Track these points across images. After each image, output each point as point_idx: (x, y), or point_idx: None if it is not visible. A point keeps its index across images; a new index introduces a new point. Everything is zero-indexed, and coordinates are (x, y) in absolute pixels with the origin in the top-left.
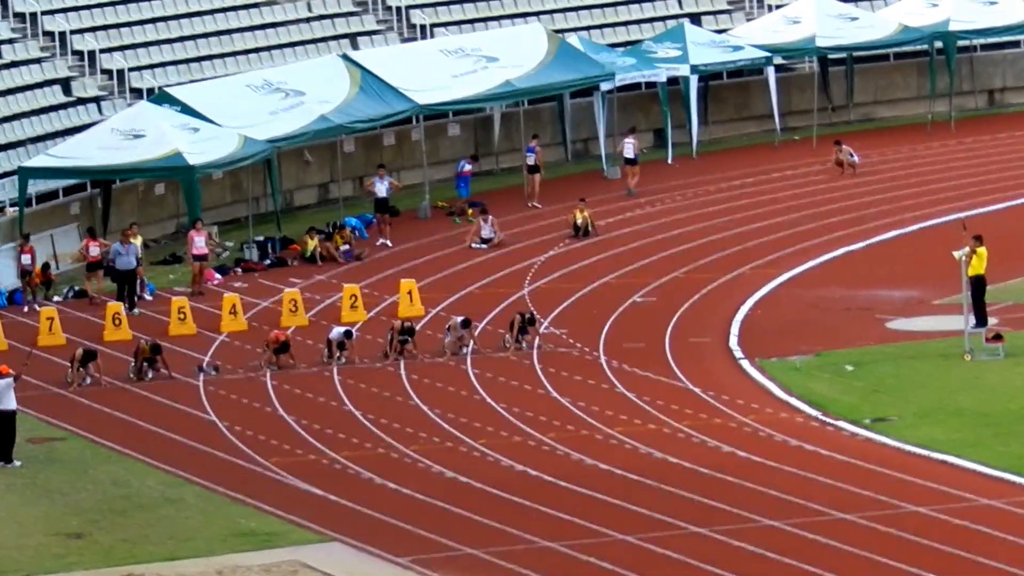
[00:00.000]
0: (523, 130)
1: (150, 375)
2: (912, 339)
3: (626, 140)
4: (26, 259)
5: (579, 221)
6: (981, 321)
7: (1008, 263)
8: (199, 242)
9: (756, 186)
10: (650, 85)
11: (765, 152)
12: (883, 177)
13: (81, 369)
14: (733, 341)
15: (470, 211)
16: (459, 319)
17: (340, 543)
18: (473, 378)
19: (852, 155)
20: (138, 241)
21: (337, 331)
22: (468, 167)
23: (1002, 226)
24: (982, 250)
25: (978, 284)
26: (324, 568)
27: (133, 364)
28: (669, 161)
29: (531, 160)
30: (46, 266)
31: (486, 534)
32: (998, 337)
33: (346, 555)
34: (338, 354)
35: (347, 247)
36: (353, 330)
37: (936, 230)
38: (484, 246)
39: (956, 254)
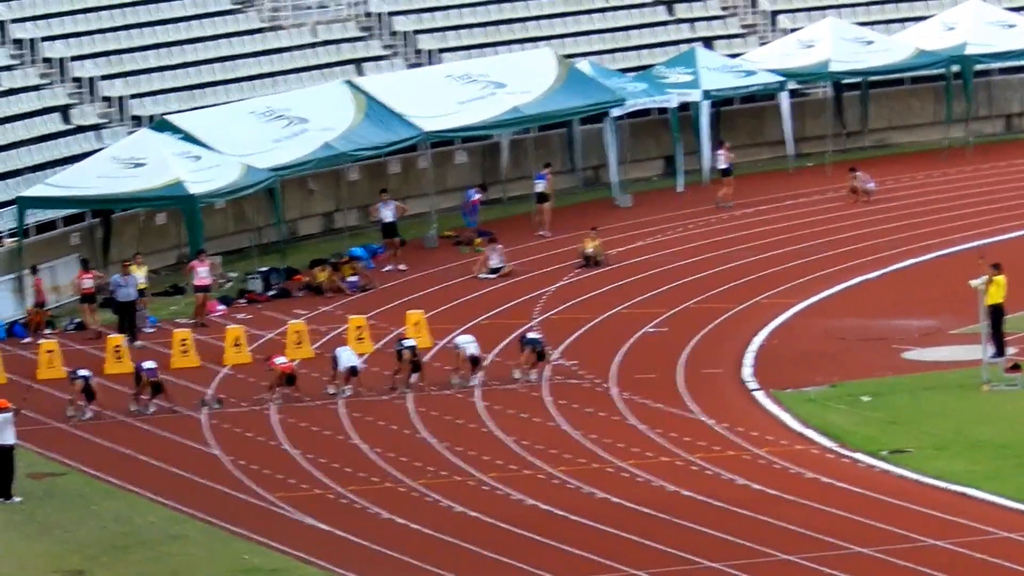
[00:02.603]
0: (532, 157)
1: (151, 409)
2: (929, 369)
3: (718, 152)
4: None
5: (589, 250)
6: (1000, 351)
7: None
8: (202, 272)
9: (769, 214)
10: (661, 111)
11: (778, 179)
12: (899, 204)
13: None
14: (747, 372)
15: (478, 240)
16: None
17: None
18: (482, 410)
19: (868, 182)
20: (142, 271)
21: (347, 356)
22: (476, 196)
23: (1020, 254)
24: (1000, 278)
25: (996, 313)
26: None
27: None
28: (679, 189)
29: (540, 187)
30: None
31: (494, 569)
32: (1016, 367)
33: None
34: (345, 384)
35: (354, 278)
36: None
37: (953, 258)
38: (492, 276)
39: (973, 283)
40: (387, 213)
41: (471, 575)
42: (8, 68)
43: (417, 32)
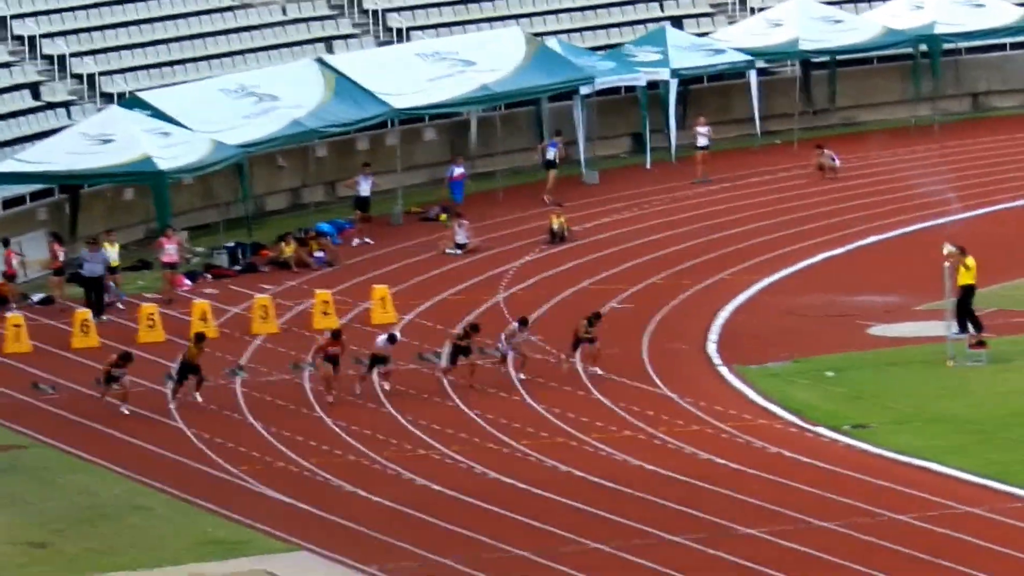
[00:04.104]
0: (500, 135)
1: (115, 386)
2: (893, 345)
3: (699, 128)
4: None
5: (555, 226)
6: (977, 328)
7: (991, 269)
8: (170, 249)
9: (736, 190)
10: (630, 89)
11: (745, 156)
12: (865, 181)
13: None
14: (711, 347)
15: (443, 216)
16: (515, 323)
17: (308, 552)
18: (446, 385)
19: (834, 159)
20: (115, 249)
21: (380, 340)
22: (459, 170)
23: (985, 232)
24: (969, 260)
25: (967, 294)
26: None
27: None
28: (647, 166)
29: (551, 155)
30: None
31: (458, 542)
32: (981, 343)
33: (313, 564)
34: (377, 373)
35: (321, 253)
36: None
37: (918, 235)
38: (459, 252)
39: (946, 250)
40: (365, 187)
41: (435, 547)
42: None
43: (387, 11)
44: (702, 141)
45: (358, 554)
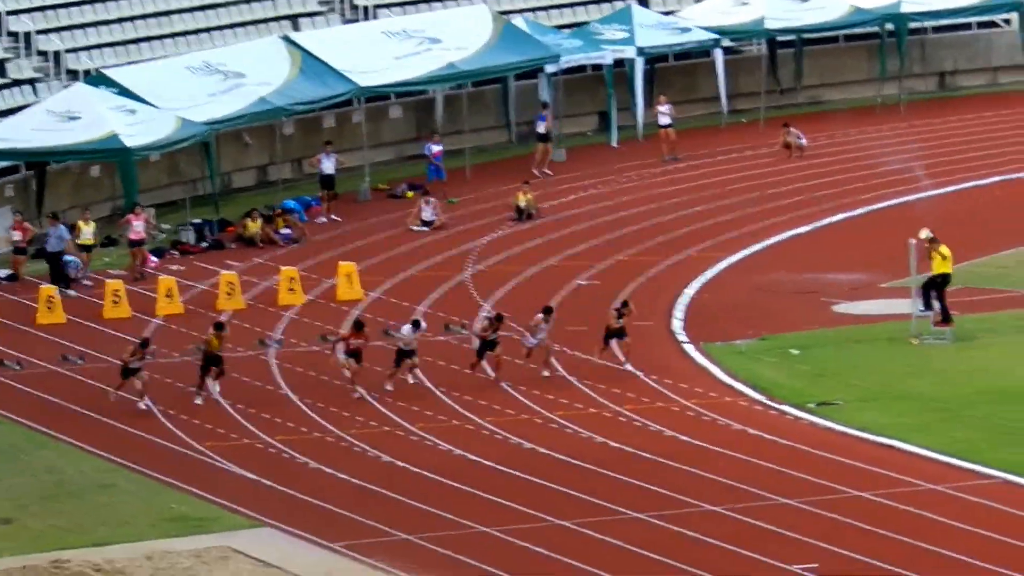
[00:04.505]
0: (466, 113)
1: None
2: (859, 323)
3: (660, 107)
4: None
5: (522, 204)
6: (946, 317)
7: (956, 247)
8: (137, 226)
9: (702, 169)
10: (596, 67)
11: (712, 135)
12: (831, 160)
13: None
14: (677, 324)
15: (410, 193)
16: (540, 316)
17: (272, 528)
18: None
19: (800, 138)
20: (91, 227)
21: (405, 330)
22: (436, 148)
23: (951, 210)
24: (944, 248)
25: (943, 282)
26: (254, 554)
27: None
28: (614, 144)
29: (541, 128)
30: None
31: (422, 519)
32: (947, 321)
33: (277, 540)
34: (406, 367)
35: (287, 230)
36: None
37: (884, 213)
38: (425, 228)
39: (923, 234)
40: (328, 165)
41: (397, 524)
42: None
43: None
44: (664, 120)
45: (323, 531)
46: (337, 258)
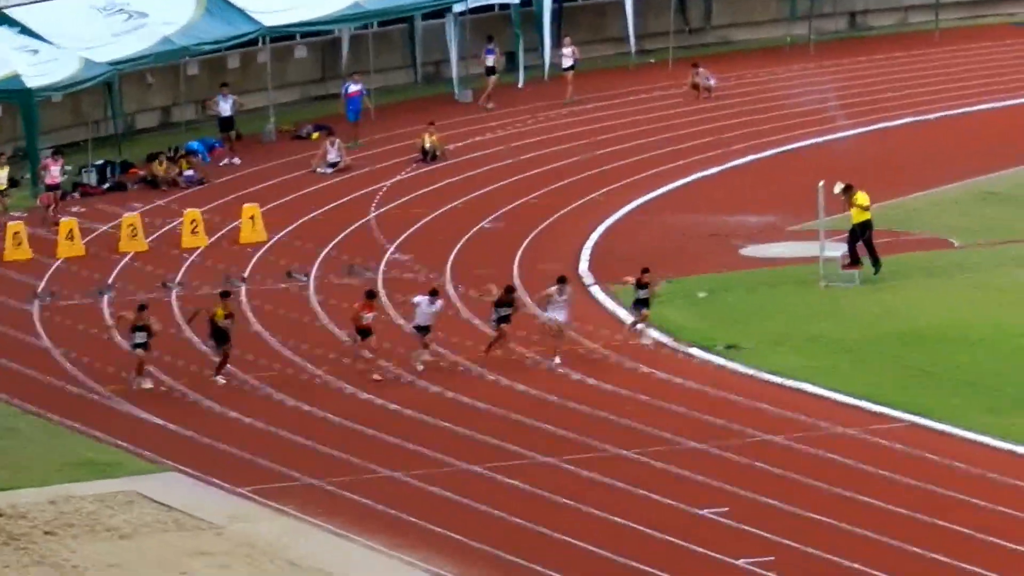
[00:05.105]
0: (372, 52)
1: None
2: (767, 266)
3: (564, 49)
4: None
5: (427, 145)
6: (876, 264)
7: (868, 189)
8: (55, 171)
9: (610, 110)
10: (504, 7)
11: (620, 75)
12: (740, 101)
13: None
14: (583, 267)
15: (315, 135)
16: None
17: (178, 473)
18: (315, 303)
19: (709, 78)
20: (4, 171)
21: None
22: (355, 87)
23: (863, 152)
24: (859, 195)
25: (864, 228)
26: (159, 498)
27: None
28: (520, 84)
29: (489, 62)
30: None
31: (328, 464)
32: (855, 264)
33: (183, 485)
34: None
35: (190, 171)
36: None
37: (793, 155)
38: (330, 170)
39: (837, 188)
40: (225, 107)
41: (304, 469)
42: None
43: None
44: (567, 62)
45: (229, 475)
46: (241, 200)
